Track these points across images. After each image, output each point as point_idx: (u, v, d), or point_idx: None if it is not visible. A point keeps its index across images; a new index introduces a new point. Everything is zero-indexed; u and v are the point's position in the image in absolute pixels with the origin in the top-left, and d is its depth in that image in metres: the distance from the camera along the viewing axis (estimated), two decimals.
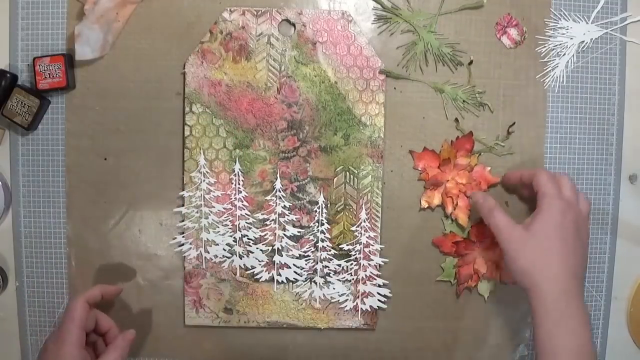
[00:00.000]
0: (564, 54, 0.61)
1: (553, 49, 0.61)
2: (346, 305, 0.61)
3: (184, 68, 0.59)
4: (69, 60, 0.57)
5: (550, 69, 0.61)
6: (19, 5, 0.59)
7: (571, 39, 0.61)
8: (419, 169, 0.61)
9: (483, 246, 0.61)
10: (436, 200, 0.61)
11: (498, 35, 0.60)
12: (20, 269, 0.61)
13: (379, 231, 0.61)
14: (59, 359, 0.51)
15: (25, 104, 0.57)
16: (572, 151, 0.62)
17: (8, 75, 0.57)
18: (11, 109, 0.57)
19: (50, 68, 0.57)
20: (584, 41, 0.61)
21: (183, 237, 0.60)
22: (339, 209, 0.60)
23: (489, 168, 0.61)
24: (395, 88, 0.60)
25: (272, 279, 0.61)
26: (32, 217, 0.60)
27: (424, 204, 0.61)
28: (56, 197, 0.60)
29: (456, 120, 0.61)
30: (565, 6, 0.61)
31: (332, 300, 0.61)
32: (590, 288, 0.64)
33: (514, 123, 0.61)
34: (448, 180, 0.61)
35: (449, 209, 0.61)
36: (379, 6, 0.60)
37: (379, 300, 0.61)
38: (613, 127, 0.63)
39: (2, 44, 0.59)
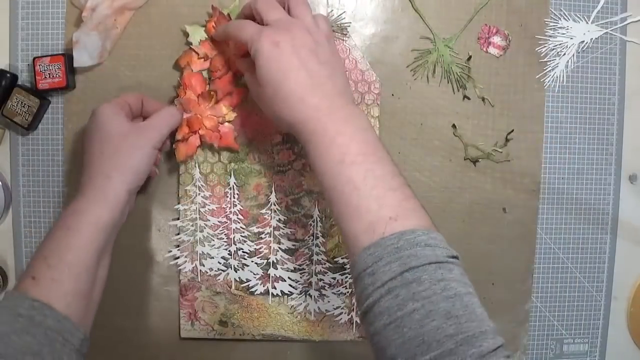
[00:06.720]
0: (564, 54, 0.61)
1: (553, 49, 0.61)
2: (341, 318, 0.61)
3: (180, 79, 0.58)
4: (69, 60, 0.57)
5: (550, 69, 0.61)
6: (19, 5, 0.59)
7: (571, 38, 0.61)
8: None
9: None
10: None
11: (484, 49, 0.60)
12: (20, 269, 0.61)
13: None
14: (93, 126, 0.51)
15: (25, 104, 0.57)
16: (572, 151, 0.62)
17: (8, 75, 0.57)
18: (11, 109, 0.57)
19: (50, 68, 0.57)
20: (584, 41, 0.61)
21: (178, 250, 0.60)
22: (333, 222, 0.60)
23: (236, 135, 0.57)
24: (393, 95, 0.60)
25: (267, 292, 0.60)
26: (32, 217, 0.60)
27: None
28: (56, 197, 0.60)
29: (454, 126, 0.61)
30: (565, 6, 0.61)
31: (327, 313, 0.61)
32: (590, 288, 0.64)
33: (512, 130, 0.61)
34: (196, 115, 0.56)
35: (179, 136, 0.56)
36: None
37: None
38: (613, 127, 0.63)
39: (2, 44, 0.59)
